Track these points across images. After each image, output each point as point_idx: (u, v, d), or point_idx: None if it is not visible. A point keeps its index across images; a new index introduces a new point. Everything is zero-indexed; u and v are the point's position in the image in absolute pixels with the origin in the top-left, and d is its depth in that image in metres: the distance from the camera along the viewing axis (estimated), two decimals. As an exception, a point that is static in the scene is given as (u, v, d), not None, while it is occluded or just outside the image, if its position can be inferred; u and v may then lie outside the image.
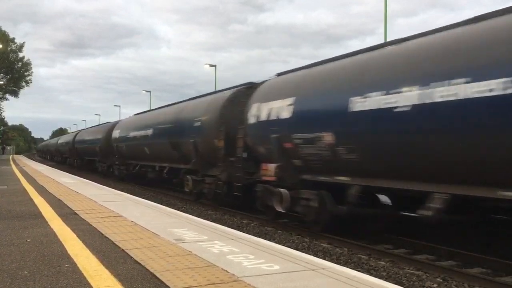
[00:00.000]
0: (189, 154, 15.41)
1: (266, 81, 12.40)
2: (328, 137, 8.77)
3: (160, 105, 21.96)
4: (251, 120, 11.62)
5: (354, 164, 8.43)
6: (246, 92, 13.22)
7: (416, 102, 6.95)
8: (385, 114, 7.51)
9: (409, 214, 8.34)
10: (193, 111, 15.95)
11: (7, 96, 54.31)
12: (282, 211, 10.52)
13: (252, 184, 11.95)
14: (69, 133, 75.79)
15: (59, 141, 58.12)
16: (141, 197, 13.00)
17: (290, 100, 10.07)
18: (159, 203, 11.79)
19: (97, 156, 30.29)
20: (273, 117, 10.57)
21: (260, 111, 11.17)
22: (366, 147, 8.12)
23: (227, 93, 14.29)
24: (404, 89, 7.20)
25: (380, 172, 8.11)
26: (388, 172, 7.97)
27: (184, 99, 18.99)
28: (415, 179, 7.45)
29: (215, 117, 13.83)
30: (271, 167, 10.74)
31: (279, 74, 12.11)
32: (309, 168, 9.74)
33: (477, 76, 6.19)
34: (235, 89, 14.29)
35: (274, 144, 10.41)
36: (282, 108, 10.25)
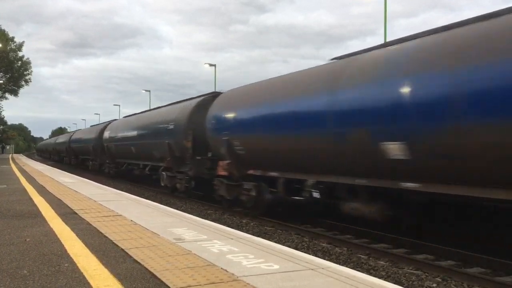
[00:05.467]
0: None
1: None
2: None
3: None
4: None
5: None
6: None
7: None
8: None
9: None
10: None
11: (7, 95, 54.31)
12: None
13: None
14: (68, 132, 75.80)
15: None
16: (140, 197, 13.00)
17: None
18: (158, 203, 11.80)
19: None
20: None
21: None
22: None
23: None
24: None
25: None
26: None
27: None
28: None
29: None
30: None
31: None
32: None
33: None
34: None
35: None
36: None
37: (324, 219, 10.87)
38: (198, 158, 14.97)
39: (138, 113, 25.50)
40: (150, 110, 24.64)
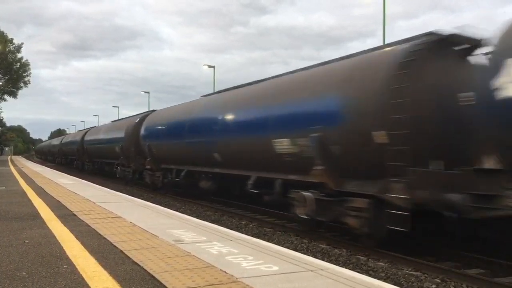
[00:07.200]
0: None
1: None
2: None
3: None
4: None
5: None
6: None
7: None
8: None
9: None
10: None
11: (5, 97, 54.18)
12: None
13: None
14: (67, 134, 75.37)
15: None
16: (139, 198, 12.99)
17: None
18: (157, 204, 11.79)
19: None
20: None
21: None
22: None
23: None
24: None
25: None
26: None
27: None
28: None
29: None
30: None
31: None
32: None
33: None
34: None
35: None
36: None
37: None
38: None
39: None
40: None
